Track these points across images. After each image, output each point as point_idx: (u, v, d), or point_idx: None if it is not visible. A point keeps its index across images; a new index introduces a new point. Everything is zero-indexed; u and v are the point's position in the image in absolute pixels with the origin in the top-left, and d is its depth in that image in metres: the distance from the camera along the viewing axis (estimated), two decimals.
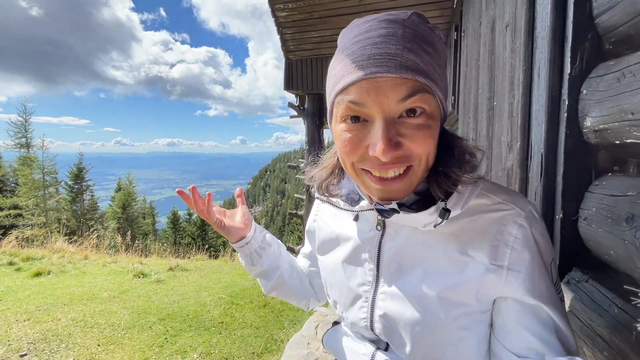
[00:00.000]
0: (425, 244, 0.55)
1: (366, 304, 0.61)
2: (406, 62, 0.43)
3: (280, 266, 0.82)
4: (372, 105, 0.44)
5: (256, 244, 0.79)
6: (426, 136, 0.46)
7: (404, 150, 0.46)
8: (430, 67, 0.45)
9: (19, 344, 2.79)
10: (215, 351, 2.80)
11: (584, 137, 0.70)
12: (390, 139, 0.44)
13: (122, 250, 7.30)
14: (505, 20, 1.21)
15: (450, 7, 2.94)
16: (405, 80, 0.43)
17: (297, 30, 3.83)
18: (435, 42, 0.47)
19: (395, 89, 0.43)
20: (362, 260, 0.63)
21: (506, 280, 0.50)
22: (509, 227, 0.50)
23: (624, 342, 0.55)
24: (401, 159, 0.46)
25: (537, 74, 0.85)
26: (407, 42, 0.44)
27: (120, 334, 3.04)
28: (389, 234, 0.59)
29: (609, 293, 0.62)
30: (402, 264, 0.58)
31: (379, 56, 0.43)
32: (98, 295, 4.00)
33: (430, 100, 0.45)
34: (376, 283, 0.60)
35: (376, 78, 0.43)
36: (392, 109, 0.44)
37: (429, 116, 0.46)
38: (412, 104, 0.44)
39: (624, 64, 0.57)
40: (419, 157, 0.47)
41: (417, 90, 0.43)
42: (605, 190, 0.64)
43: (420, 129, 0.45)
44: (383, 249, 0.60)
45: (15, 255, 5.72)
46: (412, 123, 0.45)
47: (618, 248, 0.57)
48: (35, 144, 15.13)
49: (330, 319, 3.09)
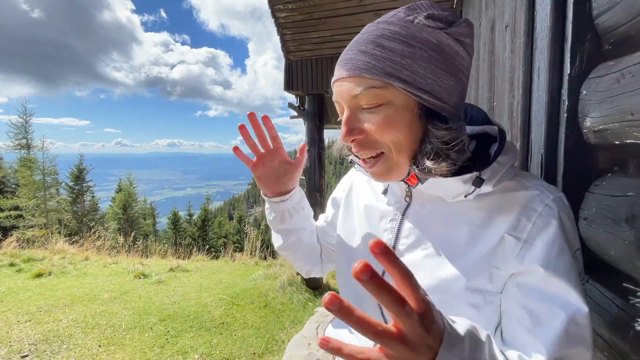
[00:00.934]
0: (448, 219, 0.57)
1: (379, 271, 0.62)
2: (357, 63, 0.51)
3: (305, 228, 0.83)
4: (340, 100, 0.55)
5: (292, 204, 0.78)
6: (384, 125, 0.51)
7: (367, 136, 0.54)
8: (386, 61, 0.49)
9: (20, 345, 2.80)
10: (216, 352, 2.80)
11: (584, 137, 0.70)
12: (350, 125, 0.54)
13: (122, 251, 7.30)
14: (504, 20, 1.22)
15: (450, 8, 2.94)
16: (354, 79, 0.51)
17: (297, 31, 3.83)
18: (416, 34, 0.50)
19: (349, 88, 0.52)
20: (381, 229, 0.65)
21: (520, 252, 0.50)
22: (535, 204, 0.51)
23: (624, 342, 0.55)
24: (368, 144, 0.54)
25: (536, 74, 0.85)
26: (363, 45, 0.51)
27: (121, 335, 3.05)
28: (414, 207, 0.62)
29: (609, 293, 0.62)
30: (420, 236, 0.59)
31: (343, 62, 0.54)
32: (99, 296, 4.00)
33: (384, 92, 0.50)
34: None
35: (338, 81, 0.54)
36: (352, 103, 0.53)
37: (385, 106, 0.51)
38: (362, 99, 0.51)
39: (624, 64, 0.57)
40: (387, 145, 0.53)
41: (366, 86, 0.50)
42: (605, 191, 0.64)
43: (375, 117, 0.52)
44: (406, 219, 0.62)
45: (16, 257, 5.73)
46: (369, 114, 0.52)
47: (618, 248, 0.57)
48: (36, 145, 15.15)
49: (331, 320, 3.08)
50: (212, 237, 18.73)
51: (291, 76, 4.88)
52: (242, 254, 7.37)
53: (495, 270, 0.52)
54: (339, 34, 3.78)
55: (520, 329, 0.49)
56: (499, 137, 0.54)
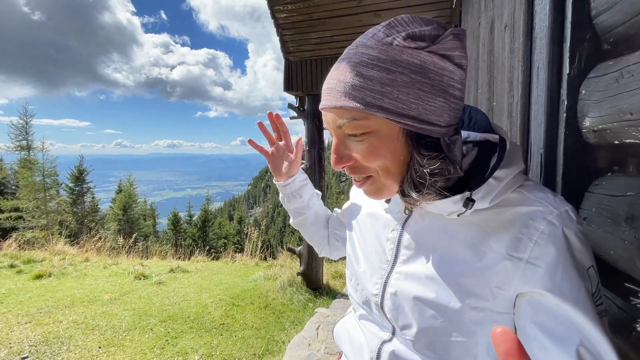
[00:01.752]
0: (447, 231, 0.56)
1: (380, 280, 0.64)
2: (336, 94, 0.51)
3: (311, 208, 0.96)
4: (328, 128, 0.57)
5: (295, 187, 0.92)
6: (369, 154, 0.52)
7: (356, 162, 0.55)
8: (365, 92, 0.48)
9: (20, 346, 2.80)
10: (216, 353, 2.80)
11: (583, 137, 0.70)
12: (338, 154, 0.56)
13: (123, 252, 7.30)
14: (504, 20, 1.22)
15: (449, 8, 2.94)
16: (336, 110, 0.52)
17: (296, 32, 3.83)
18: (396, 57, 0.47)
19: (333, 118, 0.54)
20: (384, 239, 0.66)
21: (523, 274, 0.47)
22: (537, 222, 0.47)
23: (624, 343, 0.55)
24: (357, 170, 0.56)
25: (536, 74, 0.85)
26: (343, 73, 0.51)
27: (121, 336, 3.05)
28: (414, 218, 0.62)
29: (609, 293, 0.62)
30: (420, 247, 0.59)
31: (326, 91, 0.55)
32: (99, 297, 4.00)
33: (367, 122, 0.50)
34: (393, 262, 0.63)
35: (323, 110, 0.56)
36: (338, 132, 0.55)
37: (370, 134, 0.51)
38: (346, 129, 0.52)
39: (623, 64, 0.57)
40: (374, 170, 0.54)
41: (350, 117, 0.51)
42: (604, 191, 0.64)
43: (359, 146, 0.53)
44: (406, 230, 0.62)
45: (16, 258, 5.73)
46: (356, 142, 0.53)
47: (618, 248, 0.57)
48: (36, 146, 15.16)
49: (332, 320, 3.09)
50: (212, 237, 18.72)
51: (291, 77, 4.88)
52: (242, 255, 7.37)
53: (497, 290, 0.50)
54: (339, 34, 3.78)
55: (537, 346, 0.47)
56: (499, 148, 0.52)
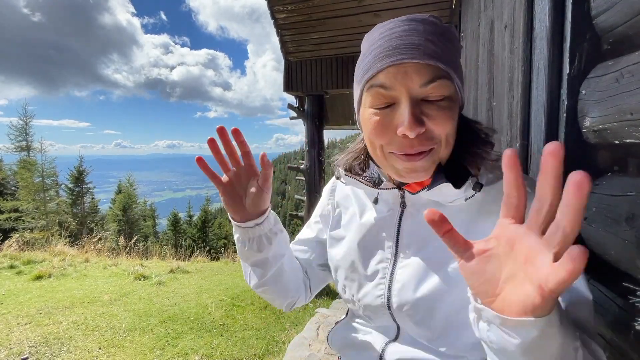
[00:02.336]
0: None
1: (384, 279, 0.63)
2: (428, 50, 0.49)
3: (284, 254, 0.72)
4: (399, 87, 0.50)
5: (269, 226, 0.67)
6: (446, 117, 0.51)
7: (427, 130, 0.51)
8: (449, 57, 0.51)
9: (20, 347, 2.79)
10: (216, 353, 2.80)
11: (584, 137, 0.70)
12: (416, 116, 0.49)
13: (122, 252, 7.30)
14: (503, 20, 1.22)
15: (449, 8, 2.95)
16: (428, 66, 0.49)
17: (296, 32, 3.84)
18: (452, 37, 0.53)
19: (419, 73, 0.49)
20: (380, 239, 0.65)
21: None
22: None
23: (624, 342, 0.55)
24: (427, 138, 0.51)
25: (536, 74, 0.85)
26: (428, 34, 0.50)
27: (121, 337, 3.04)
28: (409, 212, 0.62)
29: (609, 293, 0.62)
30: (422, 239, 0.60)
31: (404, 46, 0.49)
32: (99, 298, 4.00)
33: (450, 85, 0.51)
34: (395, 259, 0.62)
35: (402, 64, 0.49)
36: (417, 91, 0.50)
37: (449, 99, 0.51)
38: (434, 88, 0.49)
39: (623, 64, 0.58)
40: (439, 138, 0.52)
41: (438, 75, 0.49)
42: (605, 190, 0.64)
43: (441, 110, 0.50)
44: (403, 226, 0.62)
45: (16, 259, 5.72)
46: (434, 105, 0.50)
47: (618, 248, 0.57)
48: (35, 147, 15.16)
49: (332, 320, 3.09)
50: (212, 238, 18.72)
51: (291, 77, 4.88)
52: None
53: None
54: (339, 35, 3.78)
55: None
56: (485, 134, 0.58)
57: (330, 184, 0.81)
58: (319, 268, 0.81)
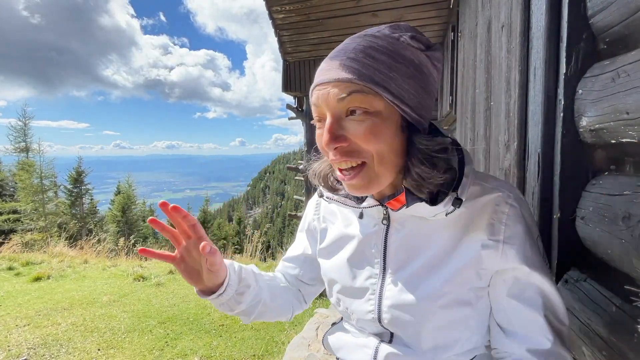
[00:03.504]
0: (429, 233, 0.59)
1: (373, 296, 0.63)
2: (345, 68, 0.50)
3: (261, 299, 0.73)
4: (322, 104, 0.53)
5: (232, 291, 0.65)
6: (368, 132, 0.51)
7: (351, 144, 0.52)
8: (375, 71, 0.50)
9: (19, 349, 2.79)
10: (215, 354, 2.80)
11: (580, 136, 0.70)
12: (333, 132, 0.52)
13: (121, 253, 7.29)
14: (501, 20, 1.22)
15: (447, 8, 2.95)
16: (341, 83, 0.50)
17: (294, 32, 3.84)
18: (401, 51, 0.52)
19: (335, 92, 0.51)
20: (368, 255, 0.65)
21: (502, 253, 0.55)
22: (502, 206, 0.56)
23: (622, 341, 0.55)
24: (350, 153, 0.53)
25: (533, 74, 0.85)
26: (352, 53, 0.51)
27: (120, 338, 3.04)
28: (394, 227, 0.63)
29: (607, 292, 0.62)
30: (408, 254, 0.61)
31: (328, 68, 0.53)
32: (98, 299, 3.99)
33: (372, 100, 0.50)
34: (383, 275, 0.63)
35: (324, 83, 0.53)
36: (336, 107, 0.52)
37: (372, 114, 0.51)
38: (349, 103, 0.51)
39: (619, 63, 0.58)
40: (369, 153, 0.52)
41: (353, 90, 0.50)
42: (602, 190, 0.64)
43: (361, 125, 0.51)
44: (389, 242, 0.63)
45: (14, 260, 5.71)
46: (354, 120, 0.52)
47: (615, 247, 0.57)
48: (34, 148, 15.13)
49: (331, 321, 3.08)
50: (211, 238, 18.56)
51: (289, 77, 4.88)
52: (241, 256, 7.36)
53: (483, 271, 0.57)
54: (337, 35, 3.78)
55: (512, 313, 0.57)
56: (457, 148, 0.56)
57: (315, 198, 0.80)
58: (309, 282, 0.84)
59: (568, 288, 0.73)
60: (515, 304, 0.56)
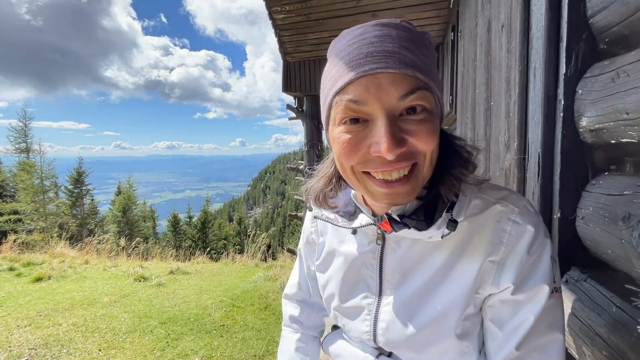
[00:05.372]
0: (427, 253, 0.56)
1: (369, 317, 0.61)
2: (404, 59, 0.43)
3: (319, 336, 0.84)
4: (372, 102, 0.43)
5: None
6: (429, 131, 0.45)
7: (409, 147, 0.45)
8: (427, 66, 0.45)
9: (20, 349, 2.79)
10: (216, 354, 2.80)
11: (580, 136, 0.70)
12: (395, 135, 0.43)
13: (122, 254, 7.29)
14: (500, 20, 1.22)
15: (447, 8, 2.95)
16: (406, 76, 0.43)
17: (294, 33, 3.84)
18: (428, 45, 0.48)
19: (395, 85, 0.42)
20: (364, 274, 0.63)
21: (496, 274, 0.51)
22: (503, 224, 0.51)
23: (622, 341, 0.55)
24: (406, 156, 0.45)
25: (532, 74, 0.86)
26: (403, 41, 0.44)
27: (121, 338, 3.04)
28: (389, 247, 0.59)
29: (607, 292, 0.62)
30: (405, 275, 0.58)
31: (377, 53, 0.43)
32: (99, 299, 3.99)
33: (430, 97, 0.45)
34: (379, 296, 0.60)
35: (376, 75, 0.42)
36: (394, 105, 0.43)
37: (430, 112, 0.45)
38: (414, 101, 0.43)
39: (618, 63, 0.58)
40: (424, 154, 0.46)
41: (418, 87, 0.43)
42: (602, 190, 0.64)
43: (423, 124, 0.44)
44: (385, 262, 0.59)
45: (15, 261, 5.72)
46: (414, 119, 0.44)
47: (615, 247, 0.57)
48: (35, 148, 15.15)
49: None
50: (212, 239, 18.70)
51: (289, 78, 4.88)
52: (242, 256, 7.36)
53: (476, 296, 0.53)
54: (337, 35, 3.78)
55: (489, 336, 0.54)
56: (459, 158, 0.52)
57: (312, 213, 0.77)
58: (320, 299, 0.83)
59: (568, 288, 0.73)
60: (492, 327, 0.53)
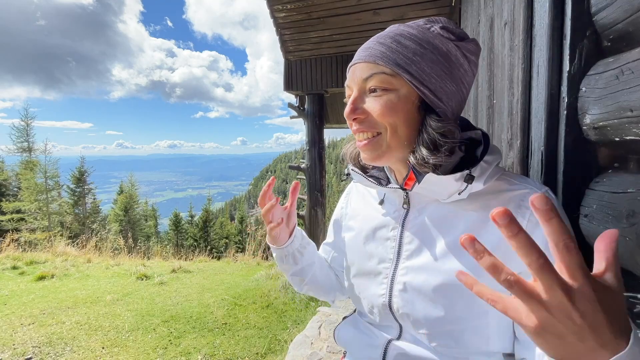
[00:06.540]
0: (447, 221, 0.60)
1: (386, 279, 0.65)
2: (374, 52, 0.57)
3: (314, 262, 0.87)
4: (351, 84, 0.61)
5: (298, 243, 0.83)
6: (385, 107, 0.56)
7: (368, 117, 0.59)
8: (399, 55, 0.55)
9: (23, 347, 2.81)
10: (219, 352, 2.81)
11: (584, 134, 0.69)
12: (354, 105, 0.59)
13: (125, 252, 7.32)
14: (503, 18, 1.21)
15: (449, 6, 2.94)
16: (369, 64, 0.58)
17: (296, 31, 3.83)
18: (429, 39, 0.56)
19: (362, 71, 0.59)
20: (383, 239, 0.67)
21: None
22: (527, 202, 0.54)
23: None
24: (367, 124, 0.59)
25: (536, 71, 0.85)
26: (382, 38, 0.58)
27: (124, 337, 3.06)
28: (412, 213, 0.64)
29: None
30: (423, 240, 0.61)
31: (361, 50, 0.61)
32: (102, 298, 4.02)
33: (391, 80, 0.56)
34: (397, 259, 0.64)
35: (355, 64, 0.61)
36: (361, 85, 0.59)
37: (389, 91, 0.56)
38: (370, 82, 0.58)
39: (623, 61, 0.57)
40: (384, 126, 0.58)
41: (376, 72, 0.57)
42: (605, 187, 0.64)
43: (378, 101, 0.57)
44: (406, 227, 0.64)
45: (18, 259, 5.75)
46: (372, 96, 0.58)
47: (619, 245, 0.57)
48: (38, 148, 15.22)
49: (334, 319, 3.09)
50: (213, 237, 18.75)
51: (291, 76, 4.88)
52: (244, 255, 7.38)
53: None
54: (338, 33, 3.78)
55: None
56: (484, 140, 0.60)
57: (346, 189, 0.88)
58: (338, 267, 0.91)
59: None
60: None
